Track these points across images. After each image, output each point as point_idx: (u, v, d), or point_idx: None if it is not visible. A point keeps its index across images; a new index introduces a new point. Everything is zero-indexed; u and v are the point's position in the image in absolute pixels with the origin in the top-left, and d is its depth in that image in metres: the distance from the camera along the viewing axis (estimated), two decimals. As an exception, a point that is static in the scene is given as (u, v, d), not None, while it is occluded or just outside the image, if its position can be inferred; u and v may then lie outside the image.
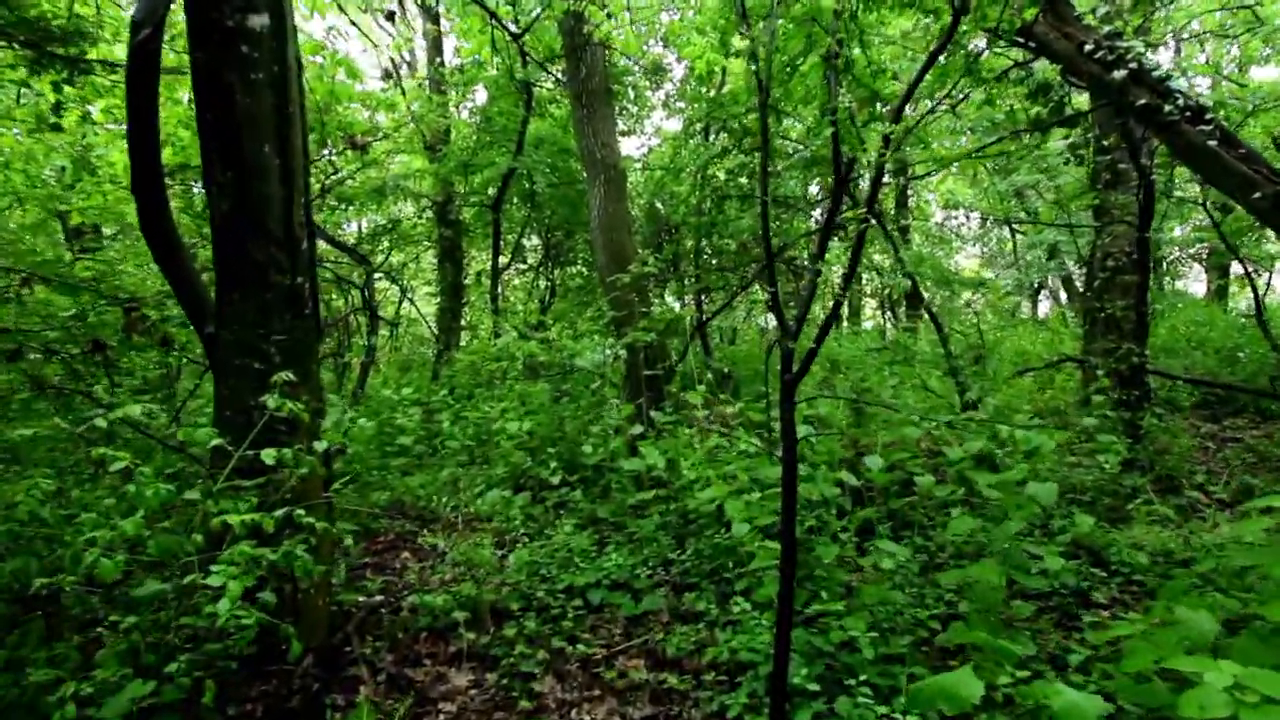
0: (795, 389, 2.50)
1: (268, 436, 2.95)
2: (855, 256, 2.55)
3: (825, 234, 2.59)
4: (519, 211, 12.94)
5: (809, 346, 2.47)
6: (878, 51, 3.99)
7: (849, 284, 2.55)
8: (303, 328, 3.18)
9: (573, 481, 5.50)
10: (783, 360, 2.51)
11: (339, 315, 8.68)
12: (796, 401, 2.55)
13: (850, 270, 2.52)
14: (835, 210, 2.53)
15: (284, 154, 3.04)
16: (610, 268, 6.92)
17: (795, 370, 2.50)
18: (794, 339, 2.53)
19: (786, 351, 2.51)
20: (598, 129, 7.19)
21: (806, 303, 2.56)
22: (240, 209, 2.97)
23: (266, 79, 2.97)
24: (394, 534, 5.21)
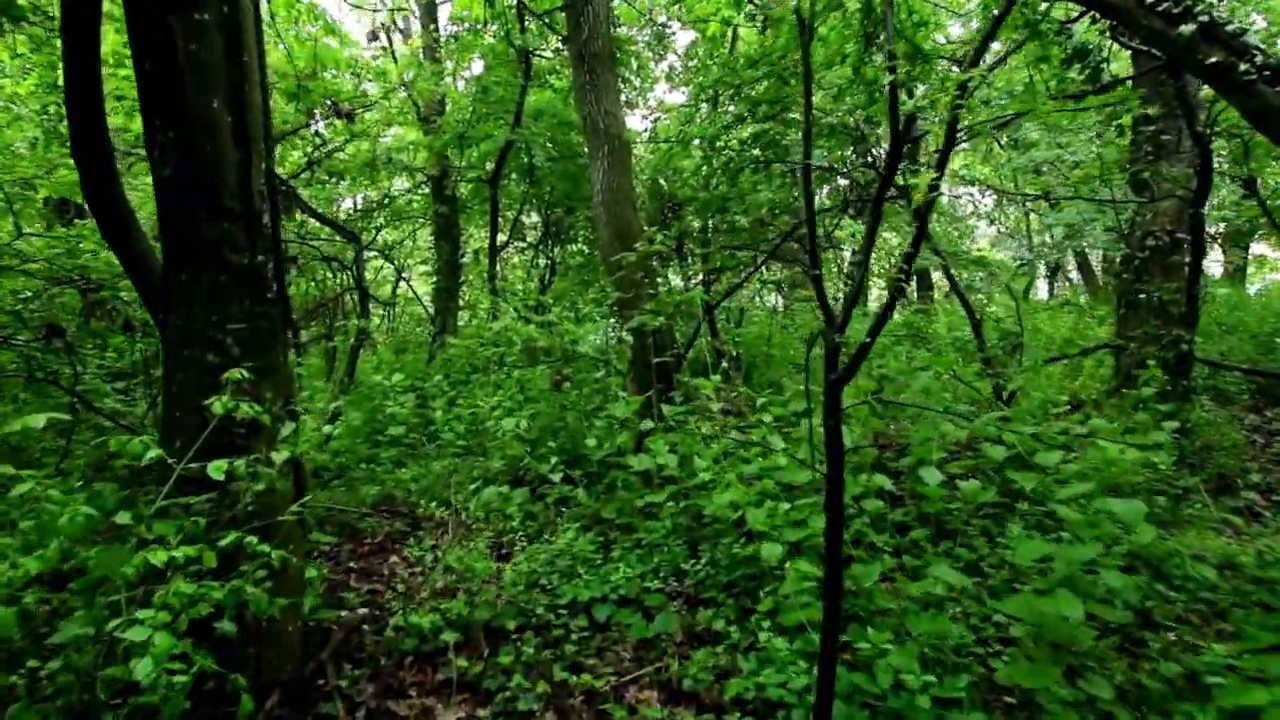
0: (841, 392, 2.08)
1: (222, 441, 2.54)
2: (920, 231, 2.12)
3: (877, 206, 2.15)
4: (517, 187, 12.43)
5: (859, 341, 2.05)
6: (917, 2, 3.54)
7: (911, 262, 2.12)
8: (265, 314, 2.75)
9: (575, 476, 5.11)
10: (827, 358, 2.09)
11: (329, 296, 8.24)
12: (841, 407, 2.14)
13: (915, 246, 2.09)
14: (890, 178, 2.09)
15: (239, 110, 2.60)
16: (614, 245, 6.47)
17: (842, 370, 2.08)
18: (840, 331, 2.10)
19: (832, 347, 2.09)
20: (600, 96, 6.70)
21: (857, 290, 2.14)
22: (186, 175, 2.53)
23: (215, 19, 2.51)
24: (382, 535, 4.83)
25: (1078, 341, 7.37)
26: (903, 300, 15.51)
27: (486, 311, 11.30)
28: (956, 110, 2.00)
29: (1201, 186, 4.80)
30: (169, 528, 2.11)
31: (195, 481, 2.46)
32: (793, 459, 3.45)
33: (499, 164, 10.42)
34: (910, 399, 4.47)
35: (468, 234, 14.78)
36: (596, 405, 5.75)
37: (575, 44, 6.72)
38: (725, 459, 4.08)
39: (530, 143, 10.53)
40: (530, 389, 6.23)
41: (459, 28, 11.69)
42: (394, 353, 11.52)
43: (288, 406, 2.92)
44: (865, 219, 9.41)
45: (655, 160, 11.51)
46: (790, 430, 4.21)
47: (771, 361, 6.49)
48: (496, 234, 11.66)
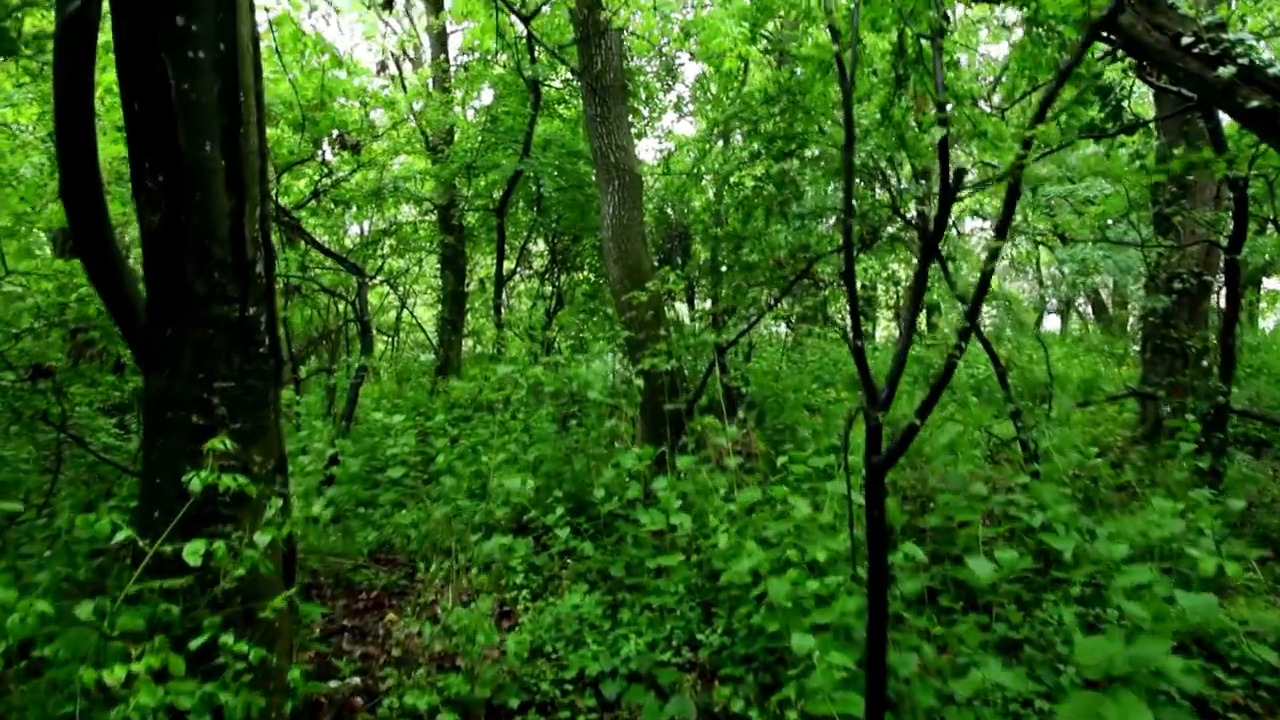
0: (884, 478, 1.87)
1: (205, 512, 2.33)
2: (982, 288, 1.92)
3: (925, 259, 1.96)
4: (525, 215, 12.33)
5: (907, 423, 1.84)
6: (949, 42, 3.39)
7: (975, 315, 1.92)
8: (256, 371, 2.56)
9: (581, 526, 4.88)
10: (869, 437, 1.88)
11: (331, 328, 8.07)
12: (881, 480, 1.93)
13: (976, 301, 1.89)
14: (941, 226, 1.90)
15: (233, 153, 2.42)
16: (624, 283, 6.30)
17: (886, 453, 1.87)
18: (884, 408, 1.90)
19: (874, 425, 1.88)
20: (612, 129, 6.57)
21: (903, 354, 1.94)
22: (175, 223, 2.35)
23: (209, 59, 2.35)
24: (378, 589, 4.59)
25: (1101, 386, 7.15)
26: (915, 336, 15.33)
27: (491, 341, 11.15)
28: (1019, 169, 1.82)
29: (1238, 230, 4.61)
30: (137, 618, 1.89)
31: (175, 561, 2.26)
32: (819, 526, 3.22)
33: (506, 193, 10.31)
34: (936, 454, 4.25)
35: (474, 262, 14.66)
36: (605, 447, 5.54)
37: (587, 77, 6.62)
38: (742, 516, 3.85)
39: (539, 172, 10.44)
40: (536, 430, 6.02)
41: (469, 57, 11.69)
42: (397, 383, 11.34)
43: (279, 472, 2.72)
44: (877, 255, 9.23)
45: (664, 191, 11.42)
46: (812, 487, 3.98)
47: (785, 405, 6.27)
48: (503, 263, 11.53)
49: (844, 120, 2.01)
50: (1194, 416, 4.60)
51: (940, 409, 5.75)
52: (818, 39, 5.04)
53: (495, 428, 6.23)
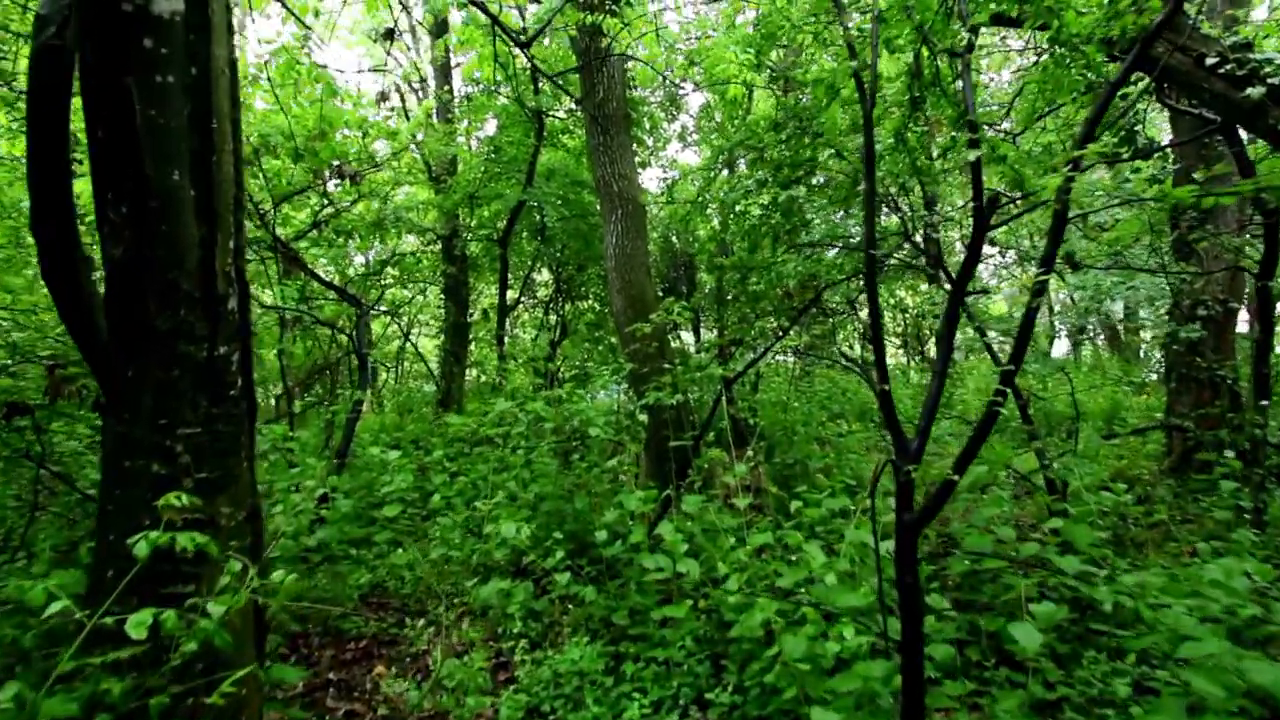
0: (917, 538, 1.65)
1: (162, 571, 2.13)
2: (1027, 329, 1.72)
3: (958, 294, 1.76)
4: (529, 245, 12.25)
5: (945, 478, 1.63)
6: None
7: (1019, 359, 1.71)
8: (226, 415, 2.36)
9: (584, 569, 4.64)
10: (899, 493, 1.67)
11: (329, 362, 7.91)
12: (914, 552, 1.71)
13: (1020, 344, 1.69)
14: (976, 255, 1.70)
15: (204, 182, 2.26)
16: (628, 314, 6.12)
17: (919, 512, 1.66)
18: (915, 459, 1.69)
19: (905, 481, 1.67)
20: (615, 159, 6.46)
21: (934, 401, 1.73)
22: (139, 256, 2.18)
23: (179, 83, 2.20)
24: (368, 638, 4.34)
25: (1123, 417, 6.89)
26: (922, 362, 15.06)
27: (494, 370, 10.99)
28: (1065, 197, 1.63)
29: (1268, 256, 4.41)
30: (70, 704, 1.67)
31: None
32: (835, 575, 2.98)
33: (510, 223, 10.22)
34: (958, 492, 4.00)
35: (478, 292, 14.56)
36: (608, 484, 5.31)
37: (589, 106, 6.52)
38: (753, 563, 3.61)
39: (542, 201, 10.36)
40: (537, 465, 5.80)
41: (472, 88, 11.70)
42: (399, 414, 11.15)
43: (252, 522, 2.51)
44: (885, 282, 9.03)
45: (668, 220, 11.31)
46: (828, 529, 3.74)
47: (795, 438, 6.04)
48: (506, 293, 11.41)
49: (864, 144, 1.84)
50: (1231, 451, 4.35)
51: (959, 442, 5.52)
52: (823, 65, 4.92)
53: (494, 463, 6.03)
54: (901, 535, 1.64)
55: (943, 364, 1.85)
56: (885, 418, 1.80)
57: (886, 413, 1.79)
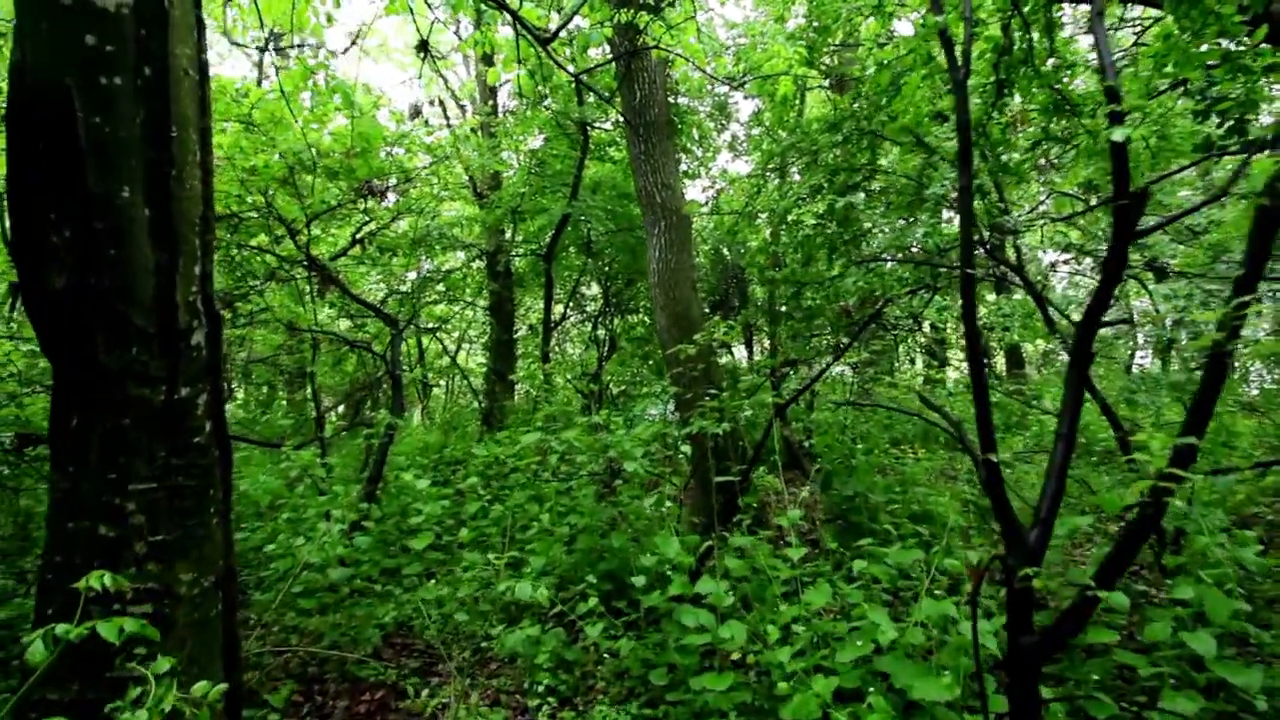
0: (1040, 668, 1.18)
1: (107, 653, 1.81)
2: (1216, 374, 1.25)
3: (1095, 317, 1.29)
4: (576, 259, 11.99)
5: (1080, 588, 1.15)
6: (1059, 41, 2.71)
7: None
8: (189, 468, 2.05)
9: (621, 613, 4.23)
10: (1012, 602, 1.21)
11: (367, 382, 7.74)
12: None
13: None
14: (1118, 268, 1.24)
15: (161, 200, 1.96)
16: (671, 333, 5.71)
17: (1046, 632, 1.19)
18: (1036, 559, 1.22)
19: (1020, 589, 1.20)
20: (657, 168, 6.08)
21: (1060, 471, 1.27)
22: (84, 286, 1.89)
23: (129, 85, 1.90)
24: (386, 686, 4.02)
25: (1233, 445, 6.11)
26: (991, 375, 14.15)
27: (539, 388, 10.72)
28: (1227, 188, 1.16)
29: None
30: None
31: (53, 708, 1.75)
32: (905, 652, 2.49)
33: (555, 237, 9.97)
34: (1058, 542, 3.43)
35: (525, 307, 14.38)
36: (649, 519, 4.89)
37: (630, 114, 6.17)
38: (808, 626, 3.14)
39: (588, 215, 10.07)
40: (576, 492, 5.44)
41: (518, 103, 11.55)
42: (444, 432, 10.98)
43: (224, 587, 2.18)
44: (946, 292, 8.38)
45: (719, 231, 10.88)
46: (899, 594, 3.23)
47: (855, 470, 5.50)
48: (551, 309, 11.15)
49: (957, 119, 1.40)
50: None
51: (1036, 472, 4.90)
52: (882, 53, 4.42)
53: (530, 492, 5.69)
54: (1018, 662, 1.18)
55: (1071, 424, 1.38)
56: (992, 499, 1.35)
57: (994, 493, 1.34)
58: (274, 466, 6.22)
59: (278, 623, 4.53)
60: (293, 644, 4.38)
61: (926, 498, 4.95)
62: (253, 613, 4.74)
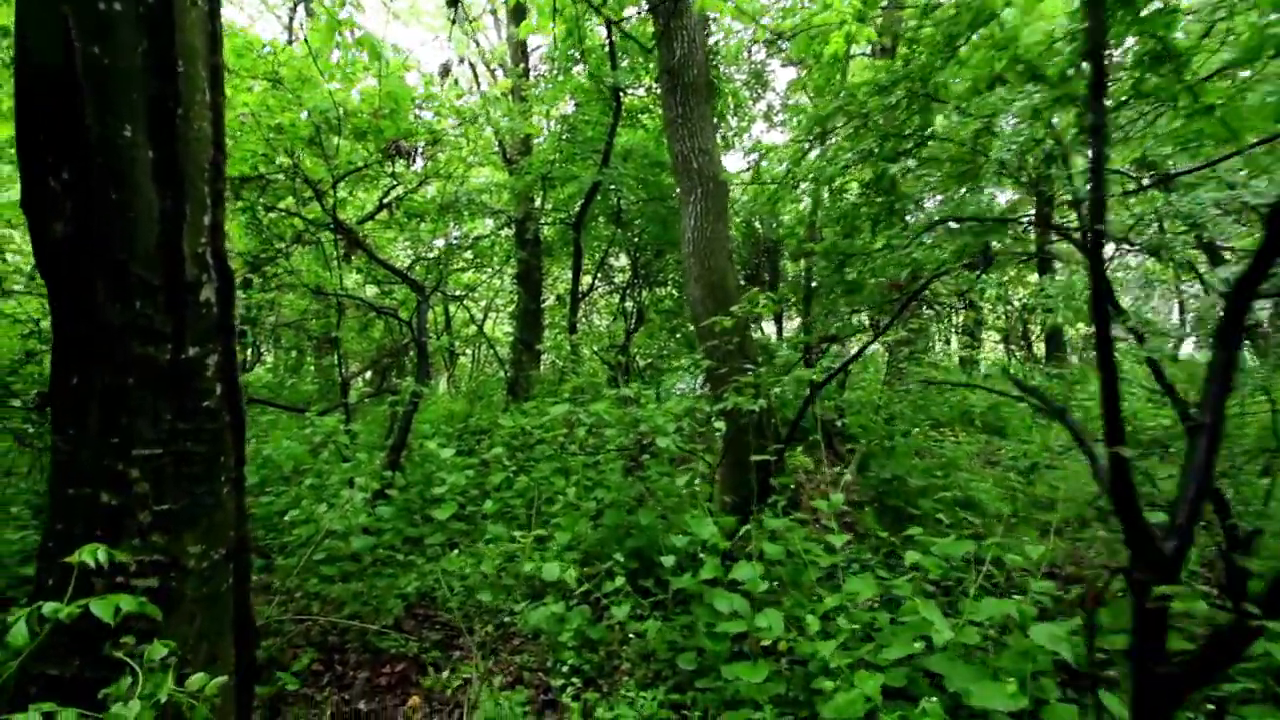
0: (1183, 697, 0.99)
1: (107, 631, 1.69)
2: None
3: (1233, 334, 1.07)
4: (605, 230, 11.76)
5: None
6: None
7: None
8: (198, 432, 1.91)
9: (649, 592, 4.09)
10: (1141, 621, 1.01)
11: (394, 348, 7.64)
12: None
13: None
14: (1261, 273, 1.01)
15: (167, 141, 1.79)
16: (705, 304, 5.49)
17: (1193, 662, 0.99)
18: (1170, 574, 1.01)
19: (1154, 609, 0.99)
20: (694, 131, 5.81)
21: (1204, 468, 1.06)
22: (81, 232, 1.73)
23: (130, 11, 1.73)
24: (407, 659, 3.94)
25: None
26: (1028, 359, 13.70)
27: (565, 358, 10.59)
28: None
29: None
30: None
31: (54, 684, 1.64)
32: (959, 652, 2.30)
33: (584, 206, 9.74)
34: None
35: (553, 277, 14.20)
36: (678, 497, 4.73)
37: (668, 74, 5.89)
38: (848, 616, 2.96)
39: (619, 183, 9.82)
40: (603, 464, 5.29)
41: (548, 67, 11.27)
42: (470, 401, 10.90)
43: (235, 559, 2.06)
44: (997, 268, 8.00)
45: (751, 203, 10.56)
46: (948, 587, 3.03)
47: (894, 450, 5.28)
48: (579, 279, 10.95)
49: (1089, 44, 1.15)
50: None
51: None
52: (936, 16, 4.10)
53: (556, 463, 5.56)
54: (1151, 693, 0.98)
55: (1216, 413, 1.16)
56: (1117, 500, 1.14)
57: (1121, 492, 1.13)
58: (299, 432, 6.16)
59: (300, 589, 4.47)
60: (314, 611, 4.32)
61: (969, 483, 4.72)
62: (275, 578, 4.70)
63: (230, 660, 2.02)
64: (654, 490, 4.71)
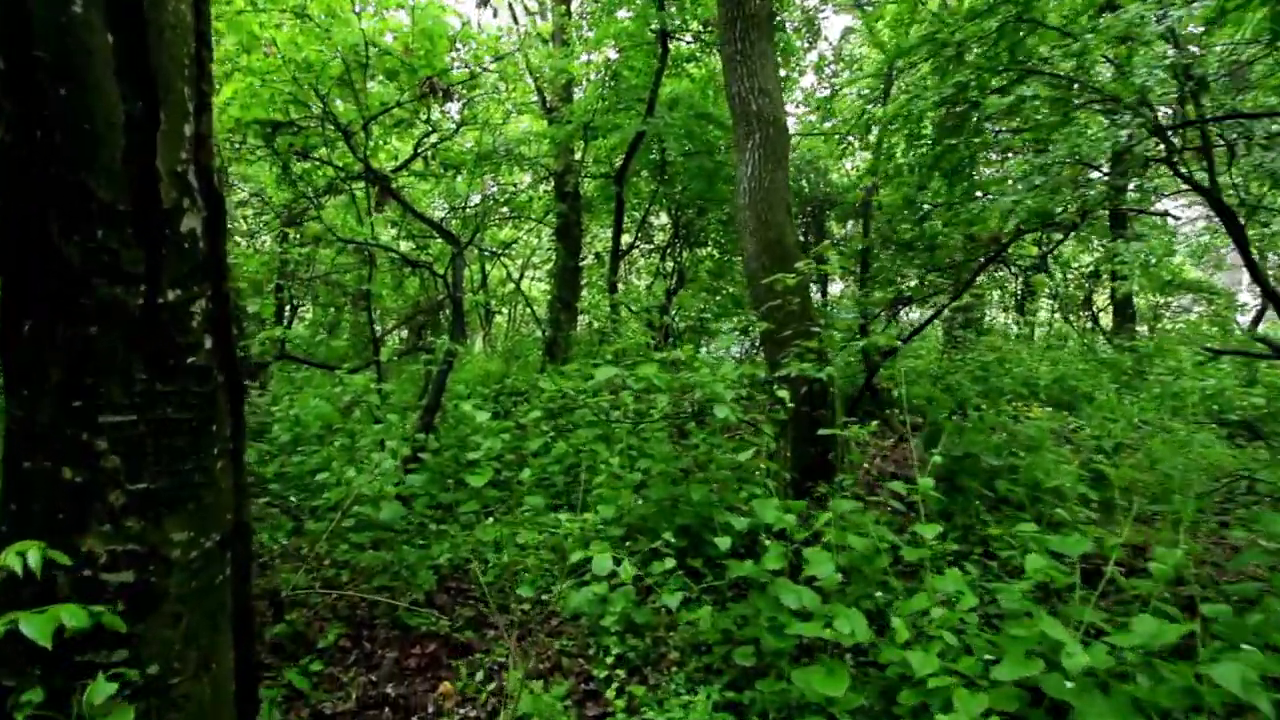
0: None
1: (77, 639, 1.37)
2: None
3: None
4: (647, 186, 11.24)
5: None
6: None
7: None
8: (181, 395, 1.55)
9: (699, 575, 3.74)
10: None
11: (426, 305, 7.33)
12: None
13: None
14: None
15: (132, 24, 1.40)
16: (762, 260, 5.02)
17: None
18: None
19: None
20: (754, 70, 5.27)
21: None
22: (28, 143, 1.37)
23: None
24: (438, 639, 3.66)
25: None
26: (1095, 329, 12.90)
27: (605, 320, 10.21)
28: None
29: None
30: None
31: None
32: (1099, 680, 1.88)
33: (628, 158, 9.24)
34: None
35: (591, 234, 13.75)
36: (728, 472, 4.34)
37: (726, 5, 5.33)
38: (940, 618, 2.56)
39: (663, 134, 9.28)
40: (647, 432, 4.93)
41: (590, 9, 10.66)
42: (504, 361, 10.62)
43: (233, 546, 1.72)
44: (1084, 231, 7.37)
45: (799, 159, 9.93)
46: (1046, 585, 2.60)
47: (964, 428, 4.80)
48: (620, 235, 10.51)
49: None
50: None
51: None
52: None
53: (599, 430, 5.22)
54: None
55: None
56: None
57: None
58: (330, 390, 5.91)
59: (329, 555, 4.22)
60: (343, 581, 4.09)
61: (1054, 469, 4.24)
62: (304, 542, 4.47)
63: (228, 665, 1.71)
64: (703, 462, 4.34)
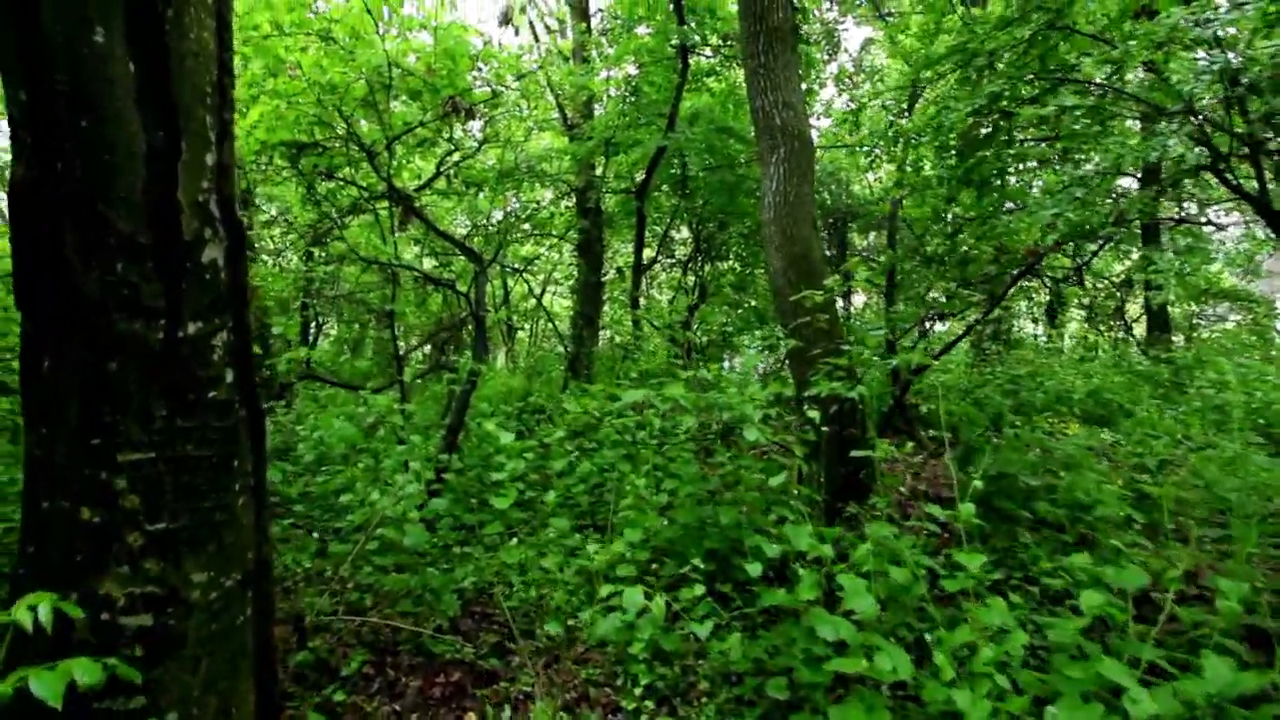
0: None
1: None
2: None
3: None
4: (668, 200, 11.22)
5: None
6: None
7: None
8: (203, 430, 1.51)
9: (728, 599, 3.65)
10: None
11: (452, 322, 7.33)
12: None
13: None
14: None
15: (154, 53, 1.37)
16: (788, 276, 4.94)
17: None
18: None
19: None
20: (778, 82, 5.21)
21: None
22: (48, 176, 1.33)
23: (99, -125, 1.30)
24: (463, 667, 3.59)
25: None
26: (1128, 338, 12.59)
27: (627, 336, 10.16)
28: None
29: None
30: None
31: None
32: None
33: (649, 173, 9.22)
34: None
35: (613, 249, 13.74)
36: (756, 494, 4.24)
37: (749, 18, 5.29)
38: (986, 653, 2.44)
39: (684, 149, 9.26)
40: (672, 451, 4.84)
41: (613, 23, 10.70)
42: (528, 377, 10.60)
43: (254, 585, 1.67)
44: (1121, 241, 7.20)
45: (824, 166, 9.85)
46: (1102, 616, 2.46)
47: (1000, 446, 4.66)
48: (642, 250, 10.47)
49: None
50: None
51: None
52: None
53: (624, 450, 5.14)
54: None
55: None
56: None
57: None
58: (354, 409, 5.91)
59: (352, 579, 4.18)
60: (366, 605, 4.04)
61: (1098, 491, 4.08)
62: (328, 564, 4.44)
63: (248, 709, 1.65)
64: (729, 484, 4.24)
